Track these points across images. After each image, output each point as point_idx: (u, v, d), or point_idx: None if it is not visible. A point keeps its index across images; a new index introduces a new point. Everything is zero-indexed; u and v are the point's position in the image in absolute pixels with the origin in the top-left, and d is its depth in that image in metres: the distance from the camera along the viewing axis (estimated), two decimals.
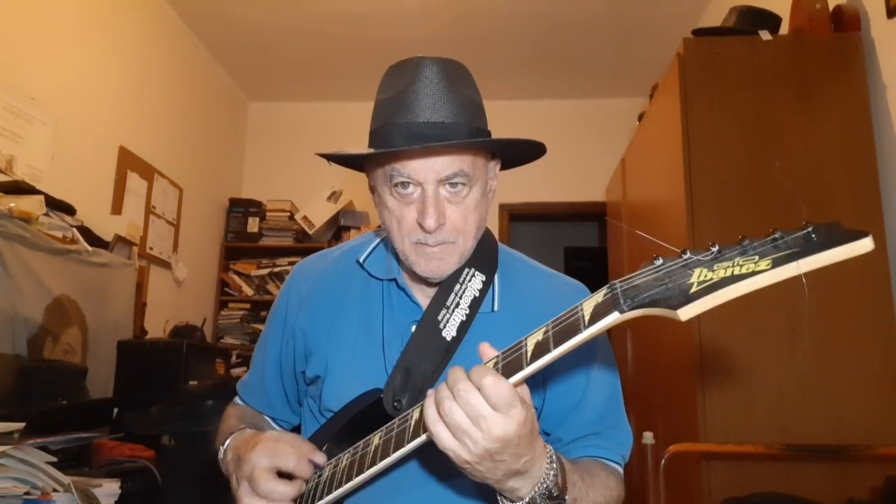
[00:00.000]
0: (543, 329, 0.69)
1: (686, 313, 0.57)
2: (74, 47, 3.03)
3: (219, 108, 4.62)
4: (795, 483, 1.84)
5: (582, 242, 6.45)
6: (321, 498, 0.86)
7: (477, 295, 0.96)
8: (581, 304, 0.67)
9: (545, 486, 0.73)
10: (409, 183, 0.88)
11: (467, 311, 0.95)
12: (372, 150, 0.88)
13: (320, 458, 0.87)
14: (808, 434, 1.88)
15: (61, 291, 2.48)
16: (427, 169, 0.87)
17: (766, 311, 1.96)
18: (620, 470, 0.97)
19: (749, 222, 2.04)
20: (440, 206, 0.88)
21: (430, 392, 0.72)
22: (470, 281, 0.97)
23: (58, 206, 2.57)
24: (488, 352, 0.74)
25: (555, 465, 0.74)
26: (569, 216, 5.49)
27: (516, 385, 0.69)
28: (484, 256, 1.00)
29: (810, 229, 0.55)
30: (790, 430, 1.89)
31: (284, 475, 0.87)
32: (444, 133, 0.85)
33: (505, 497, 0.76)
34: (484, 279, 0.98)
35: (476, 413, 0.67)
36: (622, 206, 3.28)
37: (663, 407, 2.40)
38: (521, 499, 0.74)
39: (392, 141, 0.86)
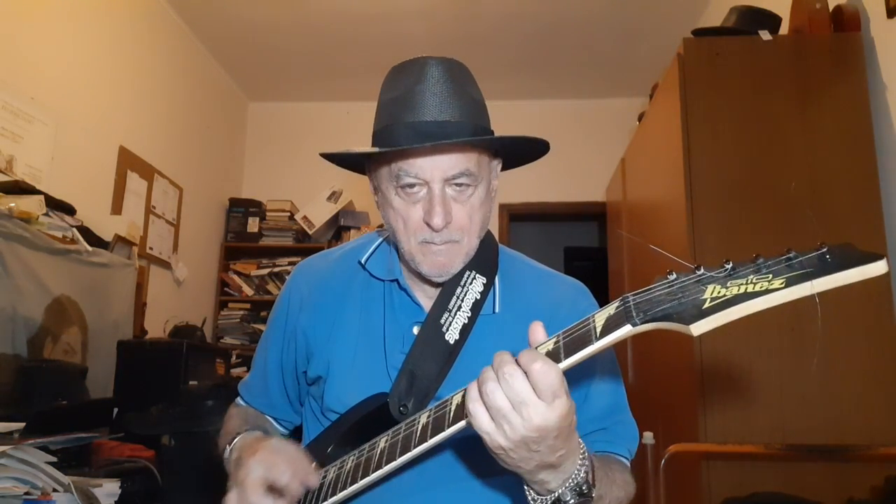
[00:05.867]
0: (553, 339, 0.69)
1: (699, 328, 0.58)
2: (74, 47, 3.03)
3: (219, 108, 4.62)
4: (795, 483, 1.85)
5: (582, 242, 6.44)
6: (325, 499, 0.86)
7: (478, 297, 0.97)
8: (593, 316, 0.67)
9: (576, 481, 0.72)
10: (415, 182, 0.88)
11: (469, 314, 0.95)
12: (378, 149, 0.88)
13: (314, 480, 0.86)
14: (808, 434, 1.88)
15: (61, 291, 2.48)
16: (434, 168, 0.87)
17: (767, 311, 1.96)
18: (628, 464, 0.98)
19: (749, 222, 2.04)
20: (447, 205, 0.88)
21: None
22: (471, 283, 0.97)
23: (58, 206, 2.57)
24: (540, 334, 0.71)
25: (587, 462, 0.74)
26: (569, 216, 5.49)
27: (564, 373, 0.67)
28: (485, 258, 1.00)
29: (825, 250, 0.56)
30: (790, 430, 1.89)
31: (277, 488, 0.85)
32: (450, 132, 0.86)
33: (533, 489, 0.75)
34: (485, 281, 0.98)
35: (519, 398, 0.65)
36: (622, 207, 3.28)
37: (663, 407, 2.40)
38: (551, 492, 0.73)
39: (399, 140, 0.86)
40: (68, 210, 2.63)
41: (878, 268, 0.54)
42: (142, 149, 3.54)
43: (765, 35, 2.20)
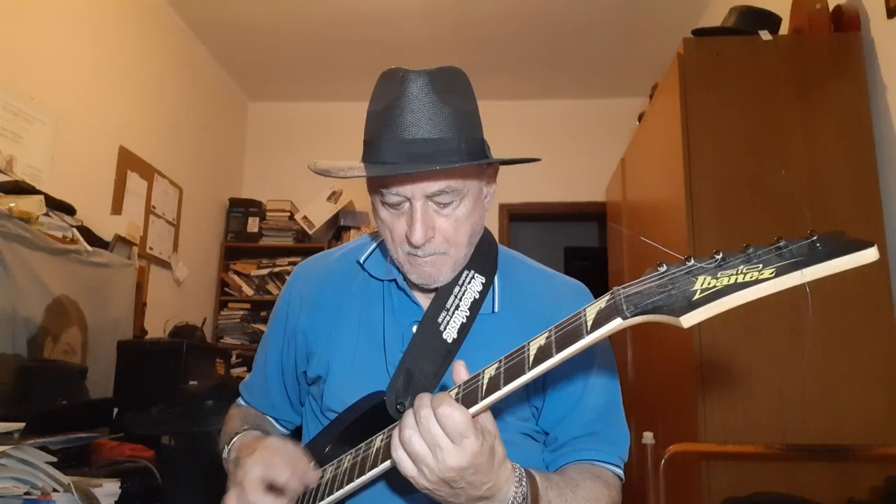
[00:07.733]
0: (546, 334, 0.69)
1: (689, 320, 0.57)
2: (75, 47, 3.03)
3: (219, 108, 4.62)
4: (795, 483, 1.84)
5: (582, 242, 6.44)
6: (322, 498, 0.86)
7: (477, 297, 0.97)
8: (584, 310, 0.67)
9: None
10: (398, 201, 0.89)
11: (467, 313, 0.95)
12: (356, 175, 0.87)
13: (312, 477, 0.87)
14: (808, 434, 1.88)
15: (61, 291, 2.48)
16: (413, 186, 0.87)
17: (766, 311, 1.96)
18: (618, 471, 0.97)
19: (749, 222, 2.04)
20: (428, 221, 0.88)
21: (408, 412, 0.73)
22: (469, 283, 0.97)
23: (58, 206, 2.57)
24: (462, 374, 0.74)
25: (524, 488, 0.76)
26: (569, 216, 5.48)
27: (476, 414, 0.69)
28: (483, 258, 1.00)
29: (815, 238, 0.55)
30: (790, 431, 1.89)
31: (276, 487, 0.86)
32: (429, 150, 0.85)
33: None
34: (484, 281, 0.98)
35: (434, 442, 0.68)
36: (622, 207, 3.28)
37: (663, 407, 2.40)
38: None
39: (381, 156, 0.86)
40: (68, 210, 2.63)
41: (869, 255, 0.53)
42: (142, 149, 3.54)
43: (765, 35, 2.20)
